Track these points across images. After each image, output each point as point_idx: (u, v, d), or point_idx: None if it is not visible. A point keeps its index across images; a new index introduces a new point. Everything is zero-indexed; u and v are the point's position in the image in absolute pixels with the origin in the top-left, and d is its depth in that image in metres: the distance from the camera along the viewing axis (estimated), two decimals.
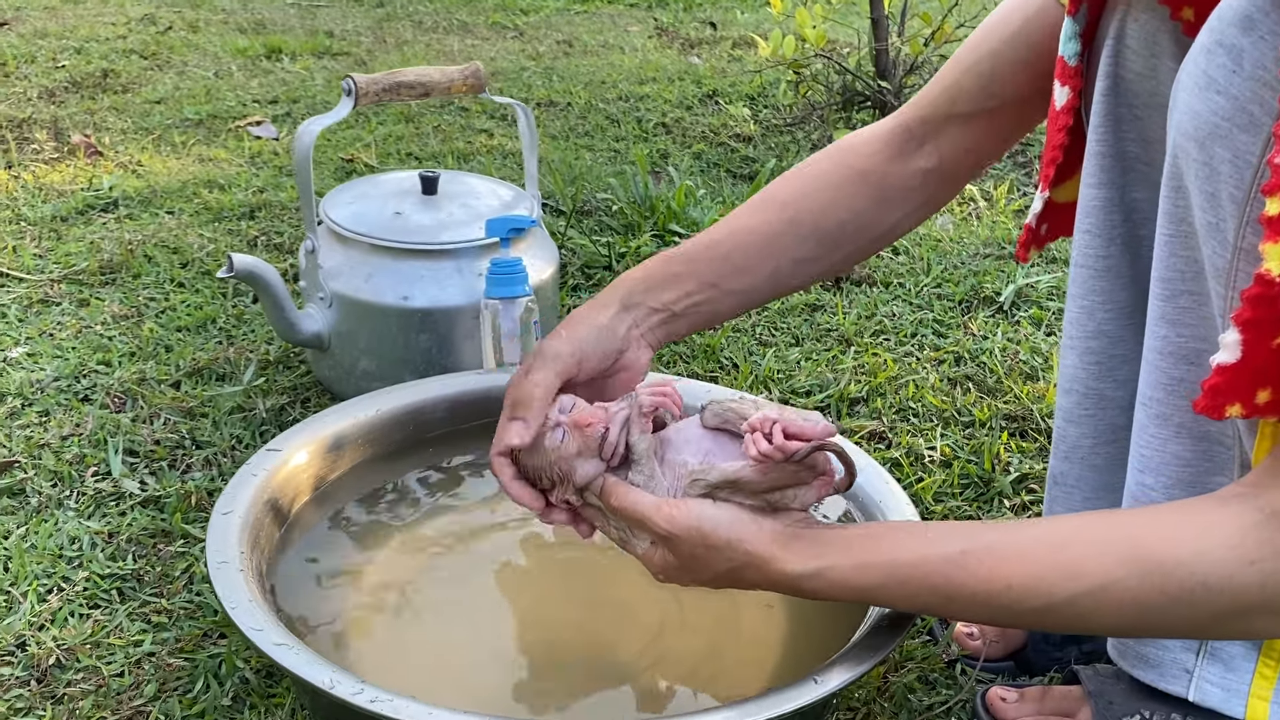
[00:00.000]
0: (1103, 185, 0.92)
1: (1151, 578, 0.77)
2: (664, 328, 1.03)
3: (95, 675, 1.04)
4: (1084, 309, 0.97)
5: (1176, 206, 0.79)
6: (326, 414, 1.19)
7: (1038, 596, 0.82)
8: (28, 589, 1.14)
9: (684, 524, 0.86)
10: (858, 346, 1.68)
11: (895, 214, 1.07)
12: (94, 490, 1.29)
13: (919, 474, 1.38)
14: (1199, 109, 0.73)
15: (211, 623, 1.11)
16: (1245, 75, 0.69)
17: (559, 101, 2.90)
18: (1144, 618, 0.79)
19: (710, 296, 1.04)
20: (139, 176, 2.27)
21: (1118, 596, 0.79)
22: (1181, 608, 0.77)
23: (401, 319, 1.38)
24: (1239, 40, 0.70)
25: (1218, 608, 0.76)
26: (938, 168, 1.05)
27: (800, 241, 1.05)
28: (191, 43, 3.39)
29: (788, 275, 1.06)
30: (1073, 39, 0.90)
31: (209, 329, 1.66)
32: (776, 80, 2.97)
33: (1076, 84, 0.92)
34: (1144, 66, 0.86)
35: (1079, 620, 0.82)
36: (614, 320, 1.02)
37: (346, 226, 1.40)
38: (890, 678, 1.07)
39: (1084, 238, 0.95)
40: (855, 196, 1.05)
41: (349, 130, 2.58)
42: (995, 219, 2.18)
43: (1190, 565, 0.76)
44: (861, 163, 1.06)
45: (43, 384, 1.50)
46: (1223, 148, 0.72)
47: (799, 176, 1.07)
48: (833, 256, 1.07)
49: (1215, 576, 0.75)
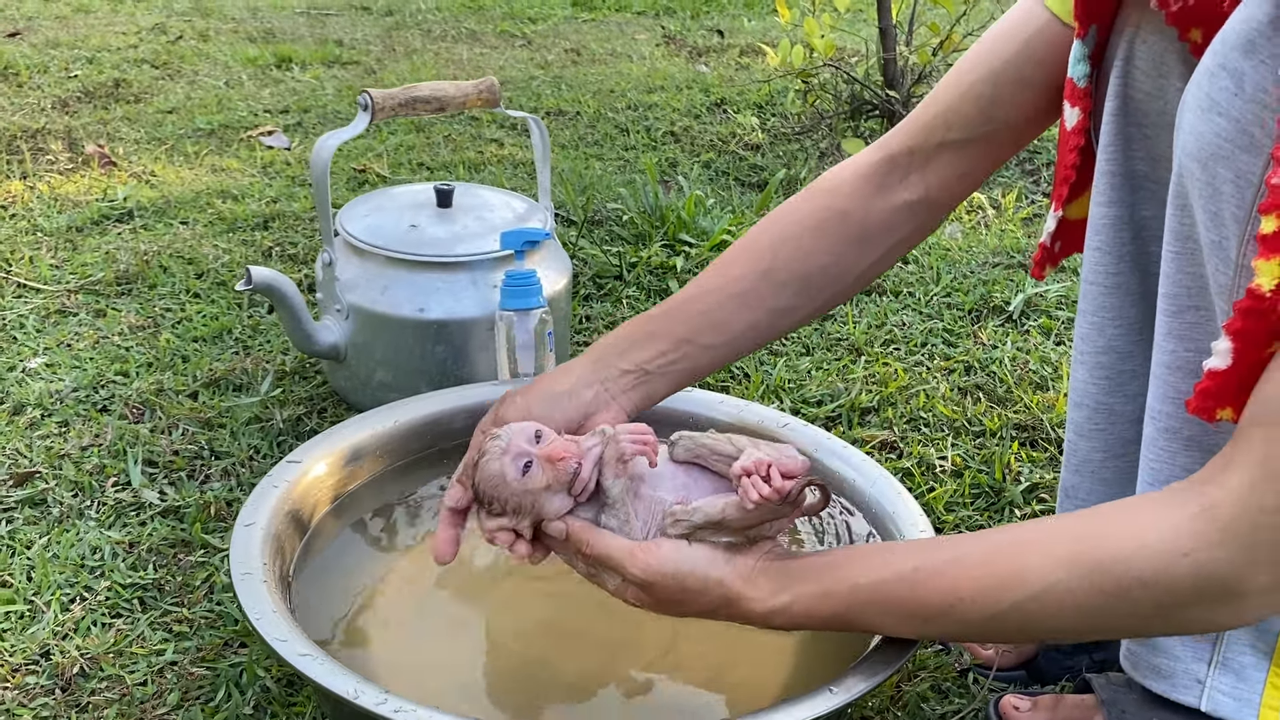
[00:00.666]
0: (1112, 204, 0.94)
1: (1091, 577, 0.79)
2: (639, 389, 1.03)
3: (119, 684, 1.06)
4: (1094, 325, 0.98)
5: (1182, 225, 0.81)
6: (345, 425, 1.20)
7: (985, 606, 0.84)
8: (51, 598, 1.15)
9: (660, 570, 0.88)
10: (868, 356, 1.69)
11: (877, 251, 1.06)
12: (114, 500, 1.31)
13: (930, 484, 1.39)
14: (1202, 130, 0.74)
15: (233, 632, 1.12)
16: (1246, 98, 0.71)
17: (568, 110, 2.92)
18: (1087, 618, 0.81)
19: (686, 353, 1.03)
20: (153, 187, 2.29)
21: (1059, 598, 0.81)
22: (1121, 604, 0.79)
23: (417, 330, 1.39)
24: (1240, 64, 0.71)
25: (1155, 602, 0.78)
26: (924, 198, 1.04)
27: (778, 290, 1.04)
28: (202, 52, 3.41)
29: (766, 328, 1.06)
30: (1082, 61, 0.91)
31: (225, 339, 1.68)
32: (785, 89, 2.99)
33: (1086, 105, 0.93)
34: (1152, 87, 0.87)
35: (1027, 625, 0.84)
36: (576, 385, 1.02)
37: (363, 239, 1.42)
38: (904, 687, 1.08)
39: (1094, 255, 0.96)
40: (836, 239, 1.04)
41: (361, 141, 2.60)
42: (1004, 227, 2.19)
43: (1127, 562, 0.78)
44: (842, 203, 1.05)
45: (62, 394, 1.51)
46: (1225, 168, 0.73)
47: (777, 223, 1.06)
48: (813, 304, 1.07)
49: (1150, 571, 0.77)
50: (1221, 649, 0.90)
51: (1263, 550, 0.74)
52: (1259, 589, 0.76)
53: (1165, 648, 0.92)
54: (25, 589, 1.17)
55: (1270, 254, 0.71)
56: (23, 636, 1.11)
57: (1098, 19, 0.89)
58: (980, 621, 0.85)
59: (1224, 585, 0.76)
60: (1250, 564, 0.75)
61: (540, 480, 0.94)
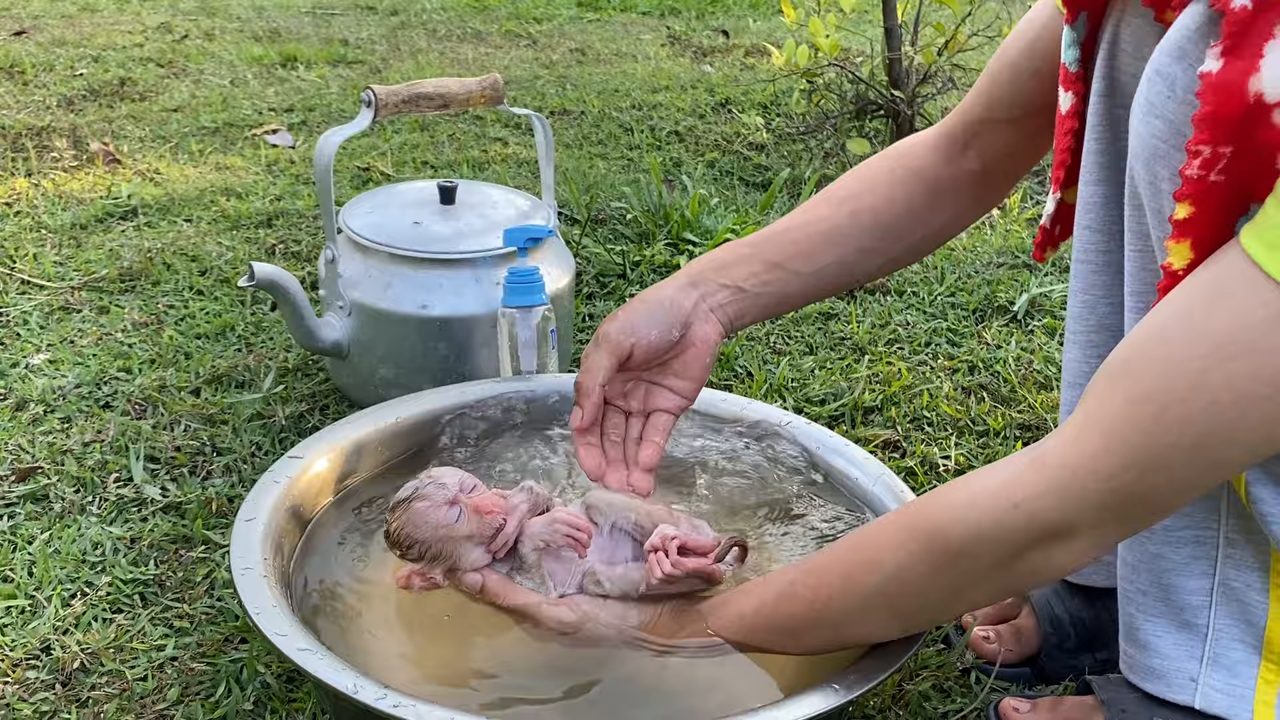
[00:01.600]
0: (1101, 182, 0.95)
1: (934, 541, 0.84)
2: (734, 304, 1.07)
3: (119, 679, 1.06)
4: (1085, 304, 1.00)
5: (1139, 224, 0.86)
6: (347, 421, 1.20)
7: (852, 597, 0.90)
8: (52, 593, 1.15)
9: (574, 623, 1.00)
10: (871, 355, 1.69)
11: (948, 211, 1.12)
12: (116, 496, 1.31)
13: (934, 483, 1.38)
14: (1143, 132, 0.79)
15: (233, 628, 1.12)
16: (1178, 100, 0.76)
17: (572, 110, 2.91)
18: (944, 585, 0.86)
19: (777, 277, 1.08)
20: (157, 184, 2.29)
21: (915, 572, 0.86)
22: (966, 561, 0.83)
23: (420, 327, 1.39)
24: (1173, 68, 0.77)
25: (997, 555, 0.82)
26: (982, 170, 1.10)
27: (862, 233, 1.10)
28: (207, 51, 3.41)
29: (852, 264, 1.10)
30: (1072, 46, 0.94)
31: (228, 336, 1.68)
32: (789, 89, 2.98)
33: (1079, 88, 0.95)
34: (1136, 69, 0.89)
35: (893, 608, 0.89)
36: (677, 293, 1.06)
37: (366, 236, 1.42)
38: (905, 685, 1.07)
39: (1084, 234, 0.98)
40: (911, 192, 1.10)
41: (365, 139, 2.60)
42: (1009, 228, 2.19)
43: (964, 519, 0.83)
44: (915, 163, 1.11)
45: (64, 390, 1.51)
46: (1162, 167, 0.79)
47: (856, 175, 1.13)
48: (895, 248, 1.12)
49: (987, 523, 0.82)
50: (1210, 645, 0.90)
51: (1090, 492, 0.78)
52: (1088, 526, 0.80)
53: (1157, 648, 0.92)
54: (26, 584, 1.16)
55: (1181, 237, 0.77)
56: (23, 631, 1.11)
57: (1086, 5, 0.92)
58: (854, 616, 0.91)
59: (1054, 529, 0.80)
60: (1077, 507, 0.79)
61: (464, 528, 1.00)
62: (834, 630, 0.93)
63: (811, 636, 0.94)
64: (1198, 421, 0.75)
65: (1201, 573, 0.91)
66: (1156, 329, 0.78)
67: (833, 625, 0.92)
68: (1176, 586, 0.92)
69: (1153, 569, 0.92)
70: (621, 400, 1.08)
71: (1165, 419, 0.76)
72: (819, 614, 0.92)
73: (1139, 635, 0.94)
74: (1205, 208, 0.76)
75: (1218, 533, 0.90)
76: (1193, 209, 0.76)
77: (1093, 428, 0.79)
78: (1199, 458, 0.76)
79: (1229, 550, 0.90)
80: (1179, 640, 0.92)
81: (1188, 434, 0.75)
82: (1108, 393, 0.79)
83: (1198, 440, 0.75)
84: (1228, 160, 0.74)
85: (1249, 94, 0.72)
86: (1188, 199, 0.76)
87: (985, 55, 3.18)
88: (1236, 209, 0.76)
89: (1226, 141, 0.74)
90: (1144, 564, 0.93)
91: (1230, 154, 0.74)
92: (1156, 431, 0.76)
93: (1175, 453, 0.76)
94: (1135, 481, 0.78)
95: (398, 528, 1.02)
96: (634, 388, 1.08)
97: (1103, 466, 0.78)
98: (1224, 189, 0.75)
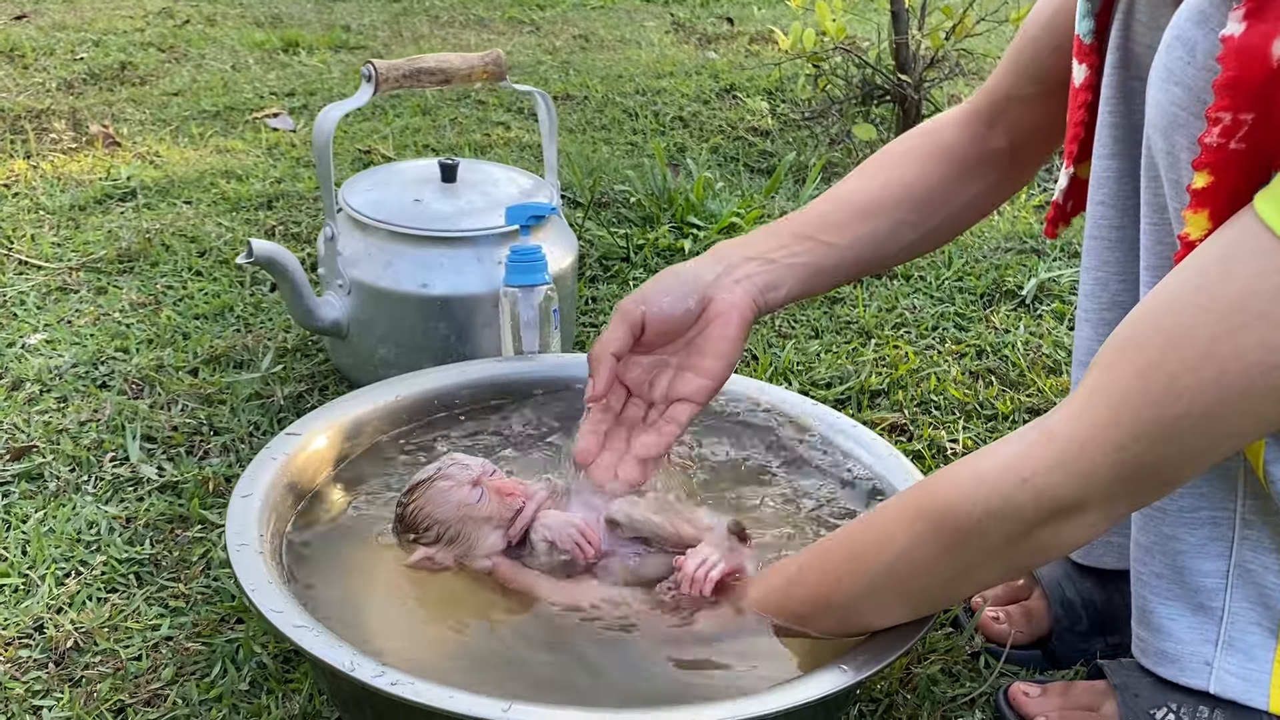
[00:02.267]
0: (1115, 156, 0.94)
1: (944, 519, 0.83)
2: (763, 274, 1.04)
3: (113, 658, 1.04)
4: (1098, 280, 0.98)
5: (1155, 195, 0.84)
6: (346, 399, 1.18)
7: (861, 577, 0.88)
8: (46, 572, 1.13)
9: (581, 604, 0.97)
10: (878, 339, 1.67)
11: (977, 186, 1.10)
12: (112, 475, 1.29)
13: (941, 466, 1.36)
14: (1161, 100, 0.78)
15: (229, 608, 1.10)
16: (1198, 65, 0.74)
17: (575, 95, 2.89)
18: (952, 564, 0.84)
19: (807, 248, 1.06)
20: (157, 167, 2.27)
21: (923, 551, 0.85)
22: (976, 539, 0.82)
23: (420, 306, 1.37)
24: (1193, 33, 0.75)
25: (1006, 532, 0.81)
26: (1009, 148, 1.09)
27: (896, 205, 1.08)
28: (209, 36, 3.39)
29: (887, 236, 1.09)
30: (1086, 17, 0.93)
31: (227, 317, 1.66)
32: (795, 74, 2.96)
33: (1093, 61, 0.94)
34: (1152, 40, 0.87)
35: (901, 588, 0.88)
36: (698, 265, 1.04)
37: (366, 213, 1.40)
38: (913, 669, 1.05)
39: (1098, 209, 0.96)
40: (940, 168, 1.09)
41: (366, 122, 2.58)
42: (1016, 214, 2.16)
43: (974, 497, 0.81)
44: (943, 139, 1.10)
45: (61, 370, 1.49)
46: (1181, 135, 0.77)
47: (885, 154, 1.12)
48: (929, 223, 1.10)
49: (996, 500, 0.80)
50: (1226, 628, 0.89)
51: (1099, 465, 0.77)
52: (1098, 500, 0.79)
53: (1171, 631, 0.90)
54: (20, 563, 1.15)
55: (1199, 207, 0.75)
56: (16, 610, 1.09)
57: None
58: (863, 597, 0.89)
59: (1064, 503, 0.79)
60: (1087, 481, 0.78)
61: (485, 509, 0.99)
62: (841, 614, 0.91)
63: (820, 621, 0.92)
64: (1207, 391, 0.73)
65: (1217, 555, 0.89)
66: (1165, 299, 0.77)
67: (840, 608, 0.90)
68: (1191, 569, 0.90)
69: (1167, 551, 0.91)
70: (645, 389, 1.04)
71: (1174, 389, 0.74)
72: (827, 597, 0.91)
73: (1152, 618, 0.92)
74: (1224, 176, 0.74)
75: (1234, 514, 0.88)
76: (1211, 178, 0.75)
77: (1100, 400, 0.77)
78: (1209, 428, 0.75)
79: (1246, 532, 0.88)
80: (1193, 623, 0.90)
81: (1198, 404, 0.74)
82: (1115, 364, 0.78)
83: (1208, 410, 0.74)
84: (1249, 127, 0.72)
85: (1273, 58, 0.70)
86: (1206, 167, 0.74)
87: (993, 40, 3.16)
88: (1257, 177, 0.74)
89: (1248, 108, 0.72)
90: (1158, 546, 0.91)
91: (1251, 121, 0.72)
92: (1166, 402, 0.75)
93: (1185, 423, 0.75)
94: (1145, 453, 0.76)
95: (416, 508, 1.01)
96: (658, 374, 1.04)
97: (1112, 438, 0.77)
98: (1244, 157, 0.73)
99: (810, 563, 0.93)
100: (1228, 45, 0.72)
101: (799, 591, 0.93)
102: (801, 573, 0.93)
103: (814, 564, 0.92)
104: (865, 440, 1.17)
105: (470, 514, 0.99)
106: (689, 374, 1.03)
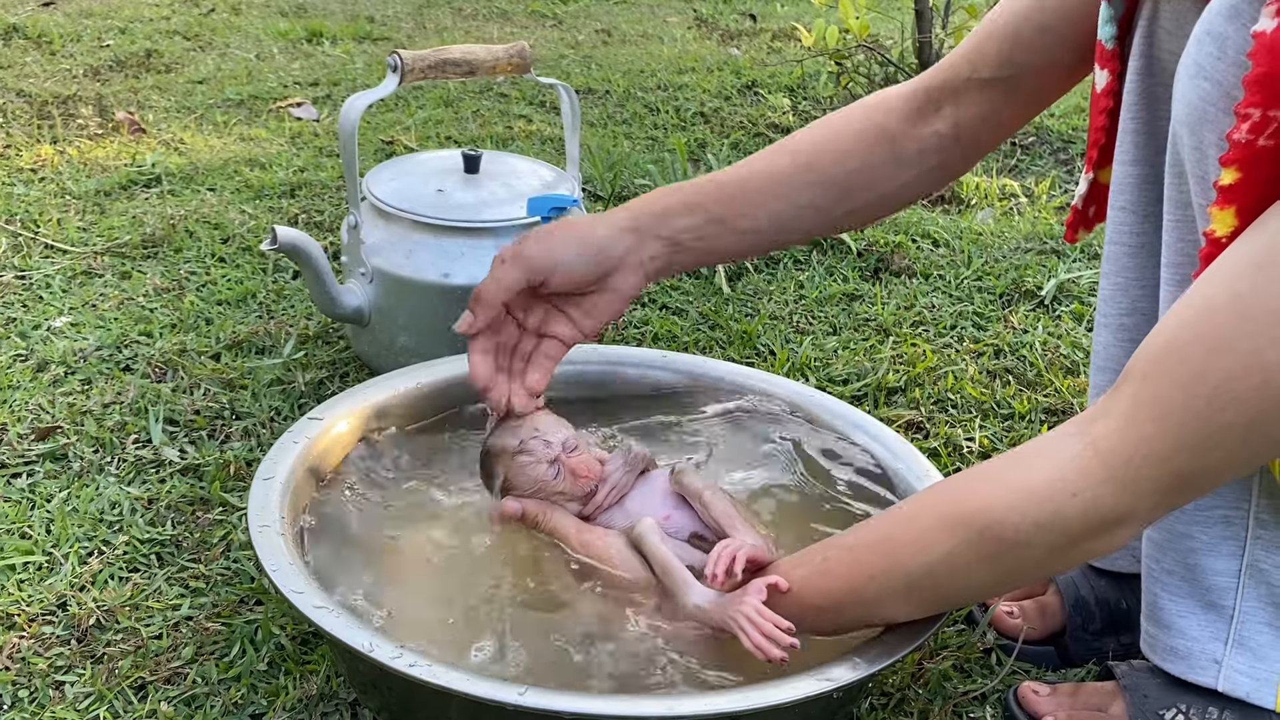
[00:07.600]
0: (1137, 162, 0.93)
1: (989, 530, 0.82)
2: (664, 258, 1.05)
3: (134, 636, 1.05)
4: (1118, 286, 0.98)
5: (1180, 192, 0.83)
6: (368, 385, 1.19)
7: (897, 576, 0.87)
8: (69, 551, 1.15)
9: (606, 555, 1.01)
10: (896, 337, 1.67)
11: (907, 173, 1.09)
12: (134, 457, 1.30)
13: (957, 464, 1.37)
14: (1189, 95, 0.77)
15: (248, 589, 1.11)
16: (1229, 61, 0.74)
17: (597, 89, 2.90)
18: (993, 572, 0.84)
19: (715, 232, 1.06)
20: (181, 154, 2.29)
21: (964, 559, 0.84)
22: (1021, 550, 0.82)
23: (442, 295, 1.38)
24: (1225, 28, 0.74)
25: (1052, 544, 0.81)
26: (953, 132, 1.07)
27: (808, 187, 1.07)
28: (233, 25, 3.41)
29: (789, 219, 1.08)
30: (1109, 23, 0.92)
31: (249, 303, 1.67)
32: (817, 72, 2.96)
33: (1115, 67, 0.93)
34: (1176, 46, 0.87)
35: (937, 591, 0.87)
36: (611, 238, 1.03)
37: (389, 203, 1.41)
38: (925, 664, 1.06)
39: (1119, 215, 0.96)
40: (872, 149, 1.08)
41: (389, 113, 2.59)
42: (1037, 215, 2.16)
43: (1022, 510, 0.81)
44: (883, 119, 1.08)
45: (85, 353, 1.51)
46: (1209, 131, 0.76)
47: (821, 124, 1.11)
48: (838, 209, 1.09)
49: (1045, 514, 0.80)
50: (1236, 627, 0.89)
51: (1145, 478, 0.77)
52: (1141, 515, 0.79)
53: (1180, 628, 0.91)
54: (44, 541, 1.16)
55: (1226, 203, 0.75)
56: (40, 587, 1.10)
57: None
58: (897, 595, 0.88)
59: (1111, 517, 0.79)
60: (1134, 494, 0.78)
61: (560, 485, 1.04)
62: (866, 609, 0.90)
63: (845, 613, 0.91)
64: (1251, 401, 0.73)
65: (1230, 553, 0.89)
66: (1203, 304, 0.76)
67: (869, 603, 0.89)
68: (1203, 567, 0.90)
69: (1179, 548, 0.91)
70: (520, 313, 1.06)
71: (1218, 399, 0.74)
72: (858, 591, 0.89)
73: (1162, 615, 0.92)
74: (1252, 173, 0.74)
75: (1248, 513, 0.88)
76: (1239, 174, 0.75)
77: (1145, 412, 0.77)
78: (1252, 437, 0.75)
79: (1259, 531, 0.88)
80: (1204, 621, 0.90)
81: (1243, 413, 0.74)
82: (1154, 374, 0.77)
83: (1251, 420, 0.74)
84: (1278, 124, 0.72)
85: None
86: (1234, 164, 0.74)
87: None
88: None
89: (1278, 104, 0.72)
90: (1170, 543, 0.91)
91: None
92: (1209, 413, 0.75)
93: (1230, 432, 0.75)
94: (1188, 463, 0.77)
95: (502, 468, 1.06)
96: (534, 305, 1.06)
97: (1157, 450, 0.77)
98: (1273, 154, 0.73)
99: (838, 556, 0.91)
100: (1259, 41, 0.72)
101: (821, 583, 0.91)
102: (827, 564, 0.92)
103: (842, 558, 0.91)
104: (881, 435, 1.17)
105: (548, 490, 1.04)
106: (566, 320, 1.06)
